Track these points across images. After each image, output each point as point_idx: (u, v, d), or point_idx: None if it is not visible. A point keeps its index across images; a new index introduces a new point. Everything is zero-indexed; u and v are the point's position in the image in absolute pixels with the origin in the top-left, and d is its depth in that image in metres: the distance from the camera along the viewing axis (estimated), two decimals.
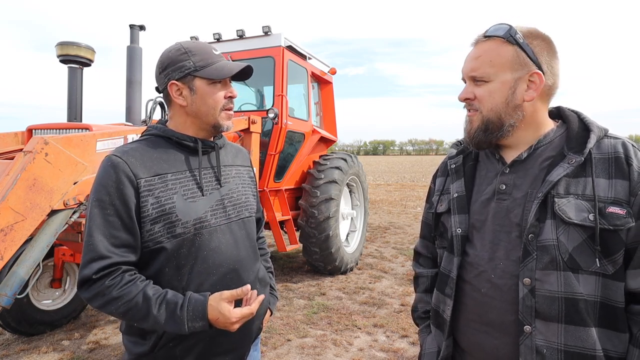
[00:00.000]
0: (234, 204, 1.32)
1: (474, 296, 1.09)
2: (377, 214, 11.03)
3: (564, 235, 0.96)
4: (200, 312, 1.10)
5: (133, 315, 1.10)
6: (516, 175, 1.08)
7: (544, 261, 0.97)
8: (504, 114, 1.06)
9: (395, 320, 4.04)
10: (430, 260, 1.35)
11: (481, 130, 1.08)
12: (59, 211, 2.56)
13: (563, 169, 0.99)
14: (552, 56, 1.05)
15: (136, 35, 3.97)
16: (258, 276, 1.37)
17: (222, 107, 1.27)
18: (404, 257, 6.47)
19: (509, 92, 1.04)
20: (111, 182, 1.13)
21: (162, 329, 1.11)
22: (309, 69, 5.70)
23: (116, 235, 1.12)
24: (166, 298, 1.11)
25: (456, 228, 1.14)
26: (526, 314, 0.98)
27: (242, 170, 1.44)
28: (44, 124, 3.32)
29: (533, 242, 0.99)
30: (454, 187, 1.20)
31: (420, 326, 1.34)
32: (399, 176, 28.79)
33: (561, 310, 0.96)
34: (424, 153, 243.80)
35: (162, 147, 1.25)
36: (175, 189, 1.19)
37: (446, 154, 1.31)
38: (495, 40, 1.05)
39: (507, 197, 1.07)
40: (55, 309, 3.76)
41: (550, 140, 1.08)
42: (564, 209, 0.97)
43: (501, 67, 1.04)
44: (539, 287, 0.97)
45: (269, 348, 3.45)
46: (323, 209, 5.10)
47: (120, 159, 1.15)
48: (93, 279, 1.09)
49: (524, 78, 1.03)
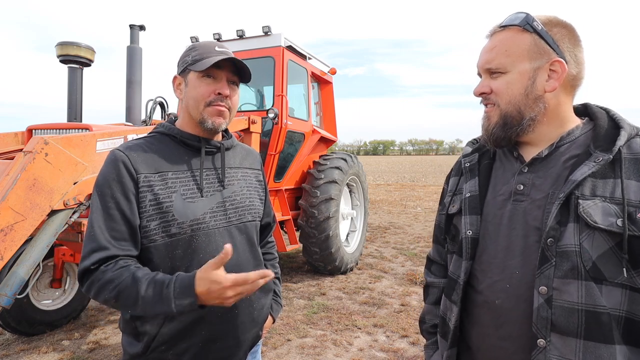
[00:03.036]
0: (236, 207, 1.29)
1: (487, 307, 0.99)
2: (377, 214, 11.03)
3: (587, 241, 0.86)
4: (187, 287, 1.01)
5: (124, 299, 1.05)
6: (535, 175, 0.99)
7: (563, 269, 0.88)
8: (523, 107, 0.97)
9: (395, 320, 4.04)
10: (444, 268, 1.23)
11: (499, 125, 1.00)
12: (59, 211, 2.56)
13: (588, 168, 0.89)
14: (574, 44, 0.97)
15: (136, 36, 3.97)
16: None
17: (208, 102, 1.22)
18: (404, 257, 6.46)
19: (528, 83, 0.96)
20: (113, 176, 1.14)
21: (152, 311, 1.04)
22: (309, 69, 5.70)
23: (117, 228, 1.12)
24: (155, 278, 1.05)
25: (466, 230, 1.05)
26: (541, 326, 0.89)
27: (250, 172, 1.40)
28: (44, 124, 3.32)
29: (552, 247, 0.89)
30: (467, 186, 1.11)
31: (427, 341, 1.25)
32: (399, 176, 28.79)
33: (581, 324, 0.86)
34: (424, 153, 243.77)
35: (167, 145, 1.25)
36: (174, 188, 1.19)
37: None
38: (511, 29, 0.98)
39: (525, 198, 0.98)
40: (55, 309, 3.76)
41: (575, 138, 0.98)
42: (589, 212, 0.86)
43: (518, 56, 0.96)
44: (556, 297, 0.88)
45: (269, 348, 3.45)
46: (323, 209, 5.10)
47: (122, 153, 1.16)
48: (91, 269, 1.09)
49: (544, 67, 0.95)
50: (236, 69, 1.26)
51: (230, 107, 1.27)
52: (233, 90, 1.27)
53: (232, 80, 1.27)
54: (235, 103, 1.29)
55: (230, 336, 1.24)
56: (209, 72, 1.22)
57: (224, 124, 1.26)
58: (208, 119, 1.23)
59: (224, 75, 1.24)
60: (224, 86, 1.24)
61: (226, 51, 1.25)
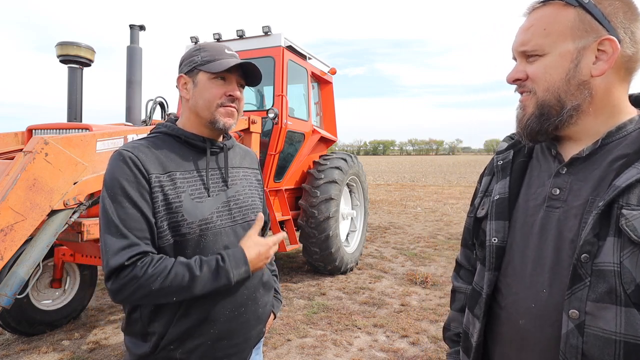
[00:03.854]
0: (240, 206, 1.31)
1: (510, 327, 0.89)
2: (377, 214, 11.03)
3: (630, 259, 0.73)
4: (241, 257, 1.16)
5: (177, 285, 1.08)
6: (575, 177, 0.85)
7: (599, 291, 0.75)
8: (563, 94, 0.83)
9: (395, 320, 4.04)
10: (472, 274, 1.12)
11: (535, 116, 0.87)
12: (59, 211, 2.56)
13: (637, 171, 0.75)
14: (631, 19, 0.82)
15: (136, 36, 3.97)
16: (262, 280, 1.36)
17: (220, 103, 1.25)
18: (404, 257, 6.46)
19: (571, 66, 0.82)
20: (125, 175, 1.13)
21: (210, 287, 1.12)
22: (309, 69, 5.70)
23: (138, 227, 1.11)
24: (204, 260, 1.14)
25: (492, 237, 0.93)
26: (570, 355, 0.77)
27: (250, 172, 1.43)
28: (44, 124, 3.32)
29: (587, 265, 0.76)
30: (497, 187, 0.98)
31: (450, 349, 1.15)
32: (399, 176, 28.79)
33: (618, 356, 0.73)
34: (424, 153, 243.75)
35: (171, 145, 1.25)
36: (183, 188, 1.19)
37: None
38: (552, 4, 0.84)
39: (561, 205, 0.85)
40: (55, 309, 3.76)
41: (626, 134, 0.83)
42: (634, 225, 0.73)
43: (559, 35, 0.82)
44: (589, 323, 0.75)
45: (269, 348, 3.45)
46: (323, 209, 5.10)
47: (131, 153, 1.15)
48: (125, 265, 1.06)
49: (591, 47, 0.81)
50: (243, 72, 1.29)
51: (239, 109, 1.31)
52: (241, 93, 1.31)
53: (241, 83, 1.31)
54: (242, 105, 1.33)
55: (238, 334, 1.26)
56: (221, 74, 1.25)
57: (233, 125, 1.30)
58: (220, 119, 1.25)
59: (234, 77, 1.28)
60: (235, 88, 1.28)
61: (236, 54, 1.30)
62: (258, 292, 1.32)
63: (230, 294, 1.22)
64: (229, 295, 1.22)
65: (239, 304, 1.25)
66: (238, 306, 1.24)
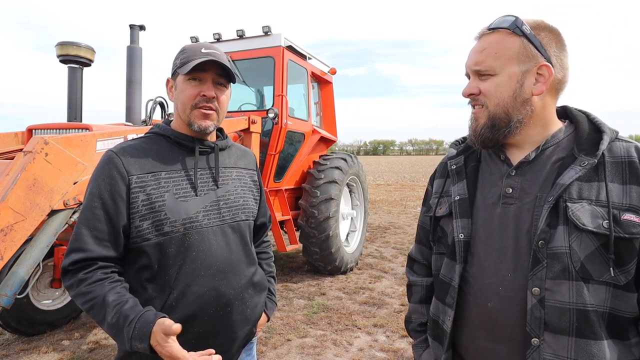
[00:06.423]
0: (229, 206, 1.31)
1: (479, 309, 1.01)
2: (377, 214, 11.03)
3: (576, 242, 0.90)
4: (144, 334, 1.06)
5: (94, 315, 1.12)
6: (523, 178, 1.01)
7: (554, 270, 0.91)
8: (511, 109, 1.00)
9: (395, 320, 4.04)
10: (425, 267, 1.27)
11: (487, 127, 1.02)
12: (59, 211, 2.56)
13: (575, 172, 0.93)
14: (560, 49, 1.00)
15: (136, 35, 3.97)
16: (252, 280, 1.35)
17: (194, 104, 1.24)
18: (404, 257, 6.46)
19: (517, 86, 0.98)
20: (103, 177, 1.18)
21: (113, 338, 1.12)
22: (309, 69, 5.70)
23: (99, 228, 1.15)
24: (122, 309, 1.09)
25: (458, 233, 1.06)
26: (534, 326, 0.92)
27: (245, 172, 1.42)
28: (44, 124, 3.33)
29: (543, 250, 0.92)
30: (455, 189, 1.12)
31: (415, 340, 1.26)
32: (399, 176, 28.79)
33: (572, 322, 0.90)
34: (424, 153, 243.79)
35: (161, 145, 1.27)
36: (167, 187, 1.21)
37: (446, 153, 1.27)
38: (500, 32, 1.00)
39: (514, 201, 1.00)
40: (55, 309, 3.76)
41: (558, 141, 1.02)
42: (578, 215, 0.90)
43: (508, 59, 0.98)
44: (548, 297, 0.91)
45: (269, 348, 3.46)
46: (323, 209, 5.10)
47: (115, 155, 1.19)
48: (69, 269, 1.13)
49: (531, 71, 0.98)
50: (222, 70, 1.27)
51: (218, 109, 1.28)
52: (220, 91, 1.28)
53: (219, 81, 1.28)
54: (223, 103, 1.30)
55: (223, 333, 1.26)
56: (195, 75, 1.24)
57: (211, 126, 1.28)
58: (195, 121, 1.25)
59: (210, 76, 1.25)
60: (209, 88, 1.25)
61: (212, 52, 1.25)
62: (246, 292, 1.31)
63: (215, 294, 1.23)
64: (213, 295, 1.22)
65: (224, 303, 1.24)
66: (223, 306, 1.24)
